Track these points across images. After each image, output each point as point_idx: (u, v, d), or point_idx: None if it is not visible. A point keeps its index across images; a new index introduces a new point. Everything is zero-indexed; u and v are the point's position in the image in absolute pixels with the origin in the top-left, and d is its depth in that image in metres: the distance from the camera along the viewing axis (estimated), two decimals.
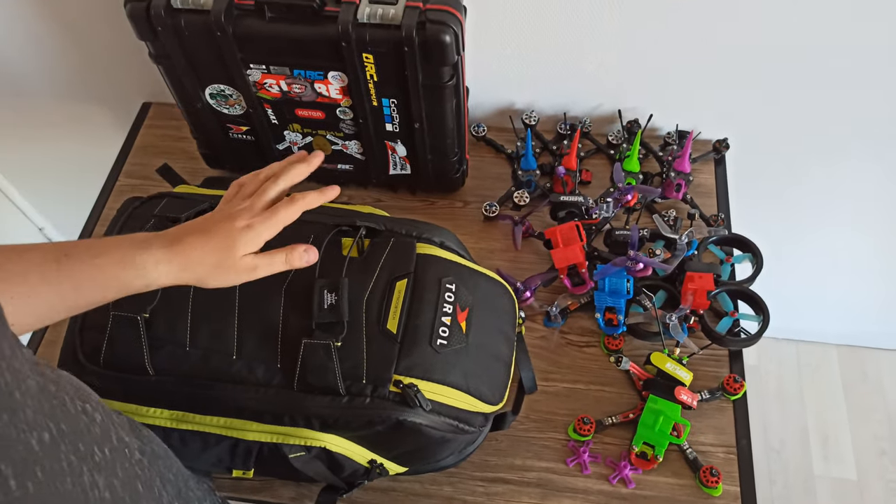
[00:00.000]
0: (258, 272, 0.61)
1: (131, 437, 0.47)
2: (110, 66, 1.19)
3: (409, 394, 0.65)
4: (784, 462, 1.61)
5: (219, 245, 0.60)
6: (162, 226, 0.73)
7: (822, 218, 1.32)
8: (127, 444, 0.45)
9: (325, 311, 0.67)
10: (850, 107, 1.05)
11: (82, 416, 0.41)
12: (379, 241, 0.74)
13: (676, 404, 0.84)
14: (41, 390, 0.37)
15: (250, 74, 0.88)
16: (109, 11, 1.05)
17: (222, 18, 0.81)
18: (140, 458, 0.47)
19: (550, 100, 1.11)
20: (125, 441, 0.45)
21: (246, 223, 0.61)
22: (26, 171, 1.52)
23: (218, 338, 0.69)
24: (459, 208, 1.06)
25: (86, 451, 0.39)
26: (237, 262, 0.60)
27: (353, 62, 0.83)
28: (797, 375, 1.73)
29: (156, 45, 0.87)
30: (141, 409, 0.69)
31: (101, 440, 0.41)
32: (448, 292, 0.71)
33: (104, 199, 1.11)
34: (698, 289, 0.90)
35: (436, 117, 0.91)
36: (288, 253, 0.63)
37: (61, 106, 1.30)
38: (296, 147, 1.01)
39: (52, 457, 0.35)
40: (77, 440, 0.38)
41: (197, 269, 0.59)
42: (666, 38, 0.98)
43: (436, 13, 0.79)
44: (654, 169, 1.08)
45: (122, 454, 0.44)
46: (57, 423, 0.37)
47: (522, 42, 1.02)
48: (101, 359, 0.68)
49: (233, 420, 0.68)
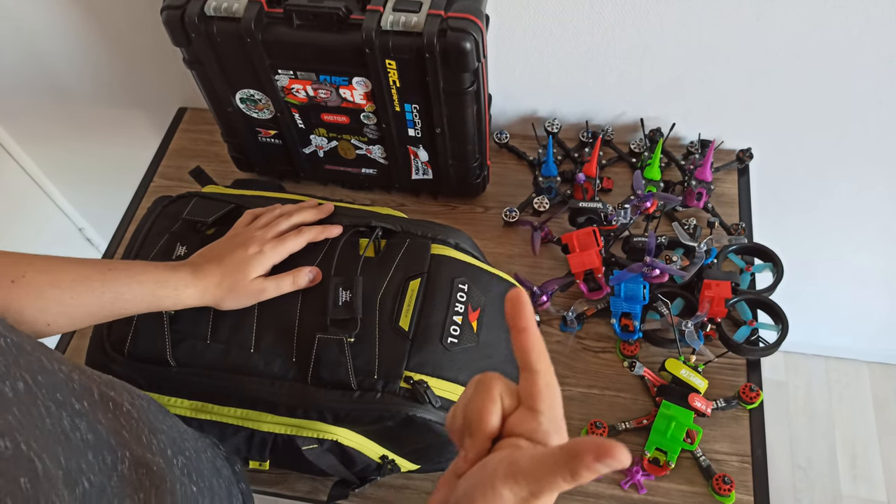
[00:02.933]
0: (266, 294, 0.69)
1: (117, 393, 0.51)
2: (149, 72, 1.24)
3: (419, 390, 0.67)
4: (811, 480, 1.58)
5: (232, 269, 0.68)
6: (191, 227, 0.77)
7: (852, 232, 1.30)
8: (111, 398, 0.49)
9: (339, 308, 0.69)
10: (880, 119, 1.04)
11: (59, 373, 0.45)
12: (395, 241, 0.76)
13: (690, 411, 0.83)
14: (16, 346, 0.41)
15: (278, 80, 0.91)
16: (149, 21, 1.10)
17: (252, 26, 0.84)
18: (128, 409, 0.50)
19: (573, 108, 1.12)
20: (109, 395, 0.49)
21: (257, 250, 0.69)
22: (69, 174, 1.58)
23: (237, 332, 0.71)
24: (480, 213, 1.08)
25: (64, 400, 0.43)
26: (248, 285, 0.68)
27: (376, 68, 0.85)
28: (827, 392, 1.70)
29: (189, 52, 0.91)
30: (162, 398, 0.72)
31: (80, 393, 0.45)
32: (460, 292, 0.73)
33: (138, 199, 1.15)
34: (716, 297, 0.89)
35: (457, 123, 0.92)
36: (294, 275, 0.71)
37: (103, 110, 1.36)
38: (321, 151, 1.03)
39: (28, 401, 0.39)
40: (54, 391, 0.42)
41: (215, 293, 0.68)
42: (689, 47, 0.99)
43: (457, 21, 0.81)
44: (676, 177, 1.08)
45: (106, 406, 0.47)
46: (33, 375, 0.41)
47: (545, 51, 1.03)
48: (125, 349, 0.71)
49: (249, 411, 0.70)
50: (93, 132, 1.42)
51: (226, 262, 0.69)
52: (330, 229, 0.75)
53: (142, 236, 0.79)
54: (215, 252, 0.70)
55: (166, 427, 0.55)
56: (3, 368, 0.39)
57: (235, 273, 0.68)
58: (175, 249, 0.76)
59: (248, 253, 0.69)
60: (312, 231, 0.74)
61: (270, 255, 0.70)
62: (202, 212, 0.78)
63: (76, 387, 0.45)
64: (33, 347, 0.44)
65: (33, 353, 0.43)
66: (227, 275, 0.68)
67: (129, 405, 0.51)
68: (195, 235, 0.77)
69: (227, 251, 0.70)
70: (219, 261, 0.69)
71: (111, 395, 0.49)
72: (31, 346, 0.44)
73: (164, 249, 0.76)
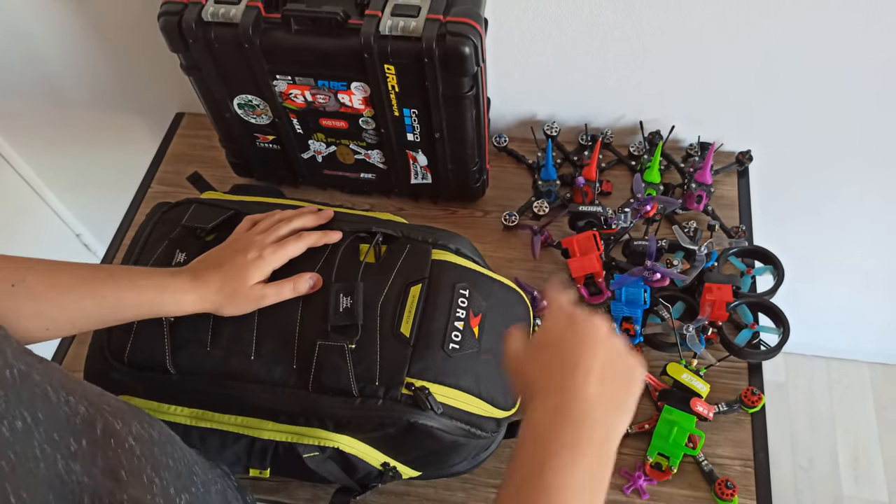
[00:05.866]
0: (267, 300, 0.69)
1: (124, 424, 0.49)
2: (147, 77, 1.23)
3: (421, 396, 0.66)
4: (812, 481, 1.58)
5: (232, 275, 0.67)
6: (187, 236, 0.76)
7: (852, 234, 1.30)
8: (115, 432, 0.48)
9: (340, 314, 0.69)
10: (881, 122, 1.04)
11: (64, 406, 0.44)
12: (395, 247, 0.76)
13: (692, 415, 0.83)
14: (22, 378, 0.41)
15: (276, 85, 0.91)
16: (146, 26, 1.09)
17: (250, 31, 0.83)
18: (132, 444, 0.49)
19: (572, 111, 1.12)
20: (114, 430, 0.47)
21: (256, 255, 0.69)
22: (66, 179, 1.58)
23: (238, 339, 0.71)
24: (480, 217, 1.07)
25: (60, 441, 0.41)
26: (248, 291, 0.68)
27: (375, 73, 0.85)
28: (828, 393, 1.70)
29: (187, 57, 0.90)
30: (162, 406, 0.71)
31: (79, 432, 0.44)
32: (462, 298, 0.72)
33: (136, 205, 1.15)
34: (717, 300, 0.89)
35: (456, 127, 0.92)
36: (295, 282, 0.70)
37: (100, 116, 1.36)
38: (320, 156, 1.03)
39: (24, 442, 0.38)
40: (53, 429, 0.41)
41: (215, 299, 0.67)
42: (688, 50, 0.99)
43: (455, 25, 0.81)
44: (676, 180, 1.08)
45: (107, 444, 0.46)
46: (34, 411, 0.40)
47: (543, 54, 1.03)
48: (125, 356, 0.70)
49: (249, 419, 0.70)
50: (90, 138, 1.42)
51: (225, 267, 0.68)
52: (330, 234, 0.75)
53: (141, 243, 0.79)
54: (215, 258, 0.70)
55: (173, 462, 0.54)
56: (3, 406, 0.38)
57: (235, 279, 0.67)
58: (174, 256, 0.75)
59: (247, 258, 0.68)
60: (312, 236, 0.73)
61: (270, 259, 0.69)
62: (201, 218, 0.78)
63: (78, 422, 0.44)
64: (42, 376, 0.43)
65: (41, 383, 0.42)
66: (227, 281, 0.67)
67: (132, 441, 0.49)
68: (194, 242, 0.76)
69: (226, 257, 0.69)
70: (218, 267, 0.68)
71: (116, 428, 0.48)
72: (40, 374, 0.43)
73: (164, 256, 0.76)
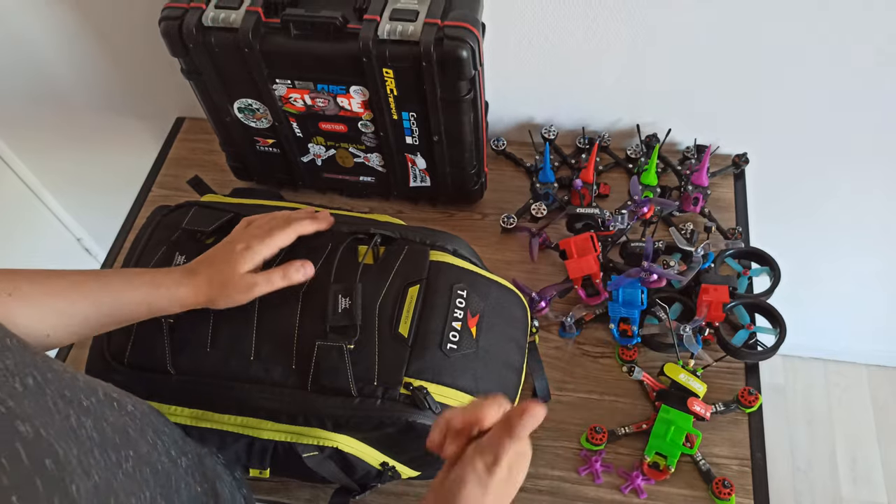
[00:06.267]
0: (258, 289, 0.68)
1: (121, 395, 0.52)
2: (147, 82, 1.24)
3: (419, 396, 0.67)
4: (811, 483, 1.58)
5: (222, 266, 0.68)
6: (187, 240, 0.77)
7: (850, 235, 1.30)
8: (115, 399, 0.50)
9: (338, 315, 0.69)
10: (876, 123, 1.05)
11: (65, 372, 0.46)
12: (393, 248, 0.76)
13: (689, 415, 0.84)
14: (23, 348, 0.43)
15: (276, 89, 0.92)
16: (147, 31, 1.10)
17: (250, 36, 0.84)
18: (132, 409, 0.51)
19: (570, 115, 1.13)
20: (113, 396, 0.50)
21: (244, 245, 0.69)
22: (66, 183, 1.58)
23: (237, 340, 0.71)
24: (478, 220, 1.08)
25: (72, 397, 0.44)
26: (238, 280, 0.68)
27: (373, 77, 0.86)
28: (826, 395, 1.71)
29: (188, 62, 0.91)
30: (162, 406, 0.72)
31: (86, 391, 0.46)
32: (459, 298, 0.73)
33: (137, 209, 1.15)
34: (713, 301, 0.90)
35: (454, 130, 0.93)
36: (285, 270, 0.70)
37: (101, 120, 1.36)
38: (320, 159, 1.04)
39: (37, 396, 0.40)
40: (63, 387, 0.43)
41: (208, 291, 0.68)
42: (684, 53, 0.99)
43: (453, 29, 0.82)
44: (673, 183, 1.08)
45: (111, 406, 0.48)
46: (42, 372, 0.42)
47: (541, 58, 1.04)
48: (125, 358, 0.71)
49: (249, 419, 0.71)
50: (91, 142, 1.43)
51: (216, 260, 0.69)
52: (320, 221, 0.75)
53: (140, 246, 0.79)
54: (207, 254, 0.72)
55: (168, 429, 0.56)
56: (13, 366, 0.40)
57: (225, 269, 0.68)
58: (174, 259, 0.76)
59: (236, 249, 0.69)
60: (302, 224, 0.73)
61: (258, 248, 0.69)
62: (201, 221, 0.79)
63: (82, 385, 0.46)
64: (36, 351, 0.45)
65: (37, 354, 0.45)
66: (218, 272, 0.68)
67: (131, 407, 0.51)
68: (194, 245, 0.77)
69: (218, 251, 0.71)
70: (210, 261, 0.70)
71: (114, 395, 0.50)
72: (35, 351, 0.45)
73: (163, 259, 0.76)
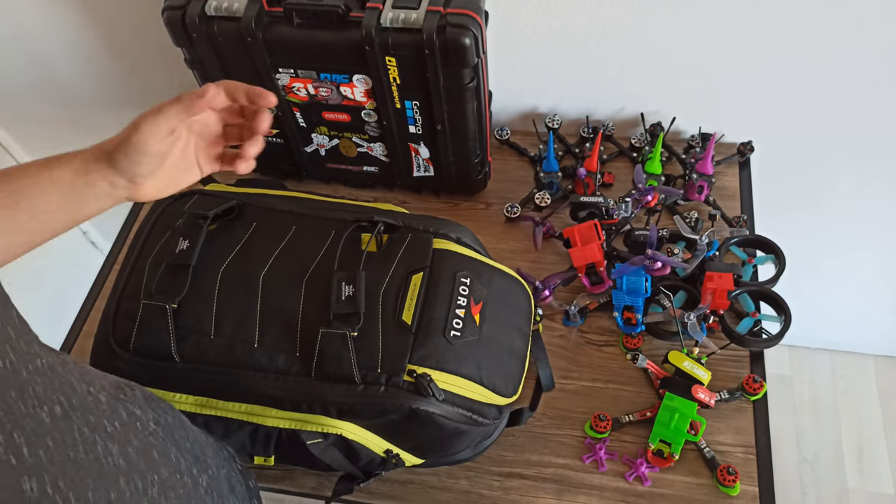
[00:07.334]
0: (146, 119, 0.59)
1: (144, 410, 0.50)
2: (150, 73, 1.24)
3: (423, 383, 0.67)
4: (817, 474, 1.58)
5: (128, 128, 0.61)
6: (192, 223, 0.77)
7: (856, 225, 1.30)
8: (138, 417, 0.48)
9: (342, 302, 0.69)
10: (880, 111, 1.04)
11: (88, 396, 0.44)
12: (397, 236, 0.76)
13: (693, 402, 0.84)
14: (50, 368, 0.40)
15: (279, 78, 0.92)
16: (150, 22, 1.10)
17: (253, 25, 0.84)
18: (154, 428, 0.49)
19: (574, 104, 1.13)
20: (136, 415, 0.48)
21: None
22: None
23: (241, 327, 0.71)
24: (482, 210, 1.08)
25: (97, 423, 0.42)
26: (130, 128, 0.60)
27: (376, 65, 0.86)
28: (832, 386, 1.70)
29: (191, 52, 0.91)
30: (167, 394, 0.72)
31: (110, 416, 0.44)
32: (462, 286, 0.73)
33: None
34: (718, 289, 0.90)
35: (457, 119, 0.93)
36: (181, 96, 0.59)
37: (105, 112, 1.36)
38: (323, 149, 1.04)
39: (64, 428, 0.38)
40: (87, 414, 0.41)
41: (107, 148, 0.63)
42: (688, 41, 0.99)
43: (456, 17, 0.82)
44: (677, 171, 1.08)
45: (134, 427, 0.47)
46: (68, 398, 0.40)
47: (544, 46, 1.03)
48: (130, 345, 0.71)
49: (253, 406, 0.71)
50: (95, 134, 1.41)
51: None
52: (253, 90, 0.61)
53: (144, 234, 0.79)
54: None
55: (189, 444, 0.55)
56: (42, 392, 0.37)
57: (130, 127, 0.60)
58: (178, 244, 0.76)
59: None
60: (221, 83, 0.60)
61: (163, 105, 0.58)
62: (204, 206, 0.79)
63: (105, 409, 0.44)
64: (64, 368, 0.43)
65: (64, 375, 0.42)
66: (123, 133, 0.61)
67: (153, 424, 0.50)
68: (197, 231, 0.77)
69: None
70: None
71: (137, 413, 0.48)
72: (62, 367, 0.43)
73: (167, 244, 0.76)
